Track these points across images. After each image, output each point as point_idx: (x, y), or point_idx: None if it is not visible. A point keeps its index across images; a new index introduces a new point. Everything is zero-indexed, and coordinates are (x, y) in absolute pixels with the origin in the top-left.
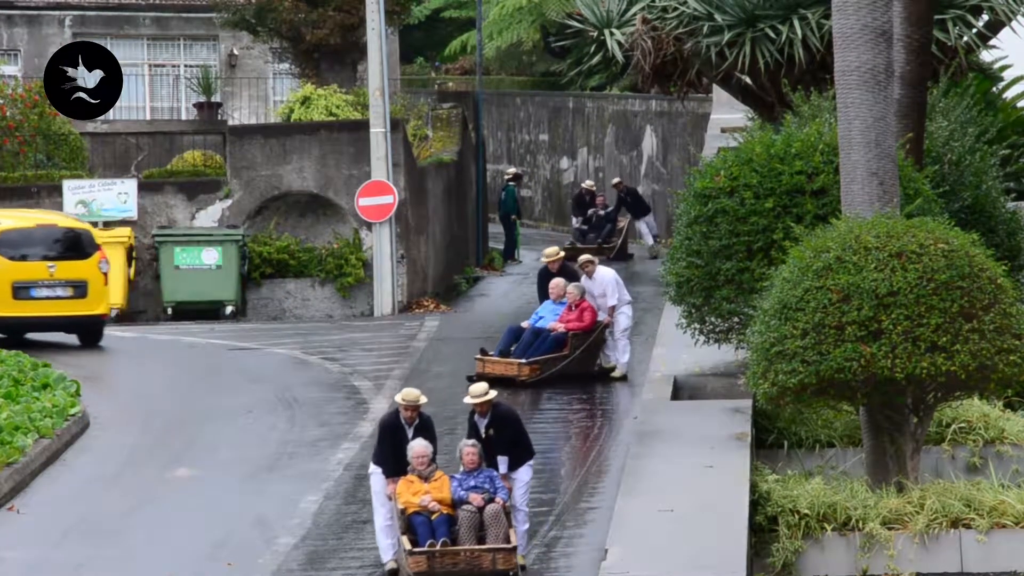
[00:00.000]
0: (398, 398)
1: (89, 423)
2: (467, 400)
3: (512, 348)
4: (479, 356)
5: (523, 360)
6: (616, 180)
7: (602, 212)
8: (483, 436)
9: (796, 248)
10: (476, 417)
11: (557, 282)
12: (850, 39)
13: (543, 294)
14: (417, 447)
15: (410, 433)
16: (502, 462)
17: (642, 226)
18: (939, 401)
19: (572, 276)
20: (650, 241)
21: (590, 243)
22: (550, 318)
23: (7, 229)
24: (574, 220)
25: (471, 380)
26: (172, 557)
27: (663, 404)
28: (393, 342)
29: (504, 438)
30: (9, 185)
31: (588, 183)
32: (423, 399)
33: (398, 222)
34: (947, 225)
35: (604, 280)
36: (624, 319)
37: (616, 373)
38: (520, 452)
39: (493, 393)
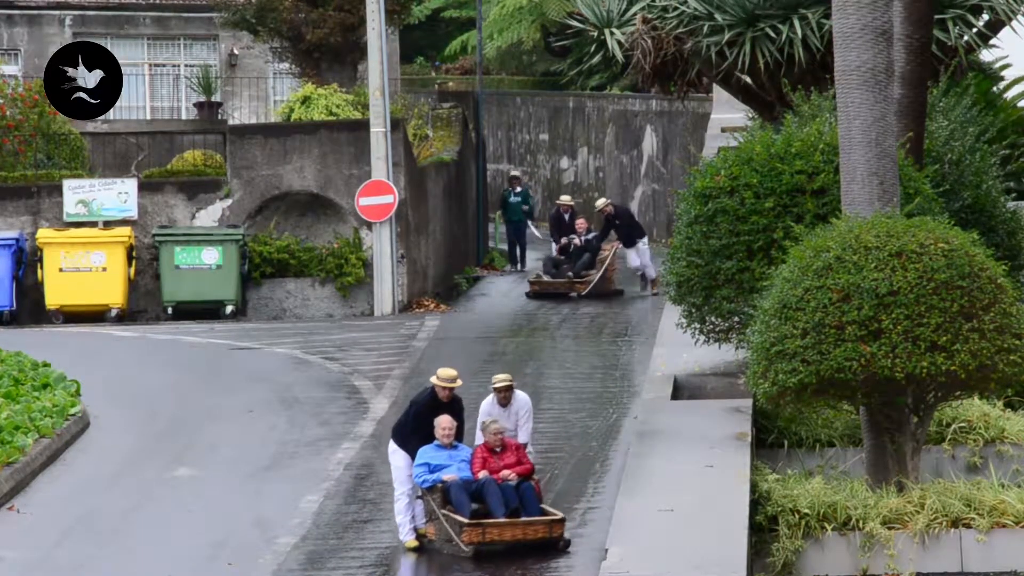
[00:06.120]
0: None
1: (89, 423)
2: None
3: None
4: (511, 521)
5: (550, 518)
6: (604, 202)
7: (580, 240)
8: None
9: (796, 248)
10: None
11: (447, 421)
12: (850, 39)
13: (424, 433)
14: None
15: None
16: None
17: (632, 256)
18: (939, 401)
19: (459, 410)
20: (652, 274)
21: (561, 277)
22: (459, 467)
23: None
24: (553, 245)
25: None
26: (172, 557)
27: (663, 404)
28: (393, 342)
29: None
30: (9, 185)
31: (565, 198)
32: None
33: (398, 222)
34: (947, 225)
35: (521, 410)
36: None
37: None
38: None
39: None
